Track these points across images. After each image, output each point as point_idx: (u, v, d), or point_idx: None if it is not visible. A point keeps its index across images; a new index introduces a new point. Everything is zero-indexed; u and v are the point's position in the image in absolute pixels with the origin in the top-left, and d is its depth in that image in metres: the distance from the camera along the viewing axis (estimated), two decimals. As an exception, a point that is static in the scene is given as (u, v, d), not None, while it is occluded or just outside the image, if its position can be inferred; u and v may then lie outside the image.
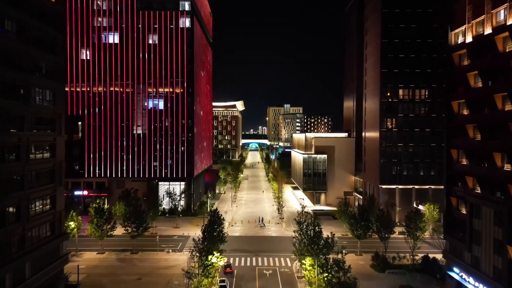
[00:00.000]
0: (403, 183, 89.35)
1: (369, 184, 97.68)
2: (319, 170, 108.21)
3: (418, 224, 64.91)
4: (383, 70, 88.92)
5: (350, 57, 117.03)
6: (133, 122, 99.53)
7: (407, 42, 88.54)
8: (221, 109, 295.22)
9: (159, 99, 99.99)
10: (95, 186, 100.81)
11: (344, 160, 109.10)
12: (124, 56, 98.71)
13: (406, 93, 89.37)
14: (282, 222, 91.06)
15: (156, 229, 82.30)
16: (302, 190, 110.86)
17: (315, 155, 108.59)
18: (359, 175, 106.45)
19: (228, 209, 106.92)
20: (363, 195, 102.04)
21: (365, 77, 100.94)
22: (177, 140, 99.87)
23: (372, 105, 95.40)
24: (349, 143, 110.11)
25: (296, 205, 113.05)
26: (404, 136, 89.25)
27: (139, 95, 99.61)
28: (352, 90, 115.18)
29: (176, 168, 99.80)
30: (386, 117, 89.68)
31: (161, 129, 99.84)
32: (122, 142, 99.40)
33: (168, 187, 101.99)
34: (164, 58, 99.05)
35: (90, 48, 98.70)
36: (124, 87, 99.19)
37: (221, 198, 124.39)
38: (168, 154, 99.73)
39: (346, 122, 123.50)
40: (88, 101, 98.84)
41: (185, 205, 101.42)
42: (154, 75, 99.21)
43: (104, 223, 66.00)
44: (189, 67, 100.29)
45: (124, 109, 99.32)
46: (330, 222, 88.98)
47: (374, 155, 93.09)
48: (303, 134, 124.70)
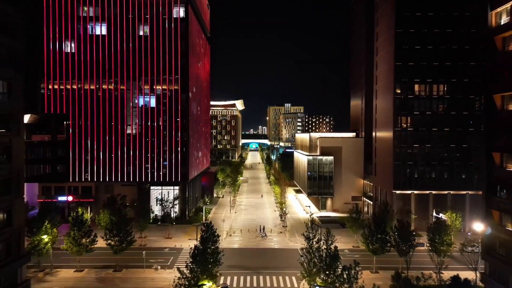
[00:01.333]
0: (419, 188, 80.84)
1: (380, 189, 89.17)
2: (325, 173, 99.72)
3: (443, 237, 56.60)
4: (397, 64, 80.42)
5: (358, 51, 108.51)
6: (122, 122, 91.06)
7: (423, 32, 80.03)
8: (220, 108, 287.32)
9: (150, 96, 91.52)
10: (80, 191, 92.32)
11: (352, 162, 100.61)
12: (112, 49, 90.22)
13: (423, 88, 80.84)
14: (285, 231, 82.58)
15: (145, 240, 73.86)
16: (307, 195, 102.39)
17: (321, 157, 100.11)
18: (368, 178, 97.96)
19: (226, 215, 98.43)
20: (374, 201, 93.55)
21: (375, 71, 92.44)
22: (171, 140, 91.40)
23: (384, 102, 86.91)
24: (357, 143, 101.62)
25: (300, 210, 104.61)
26: (420, 136, 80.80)
27: (129, 92, 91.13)
28: (360, 87, 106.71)
29: (169, 171, 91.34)
30: (400, 116, 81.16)
31: (153, 128, 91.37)
32: (111, 143, 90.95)
33: (161, 192, 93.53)
34: (157, 51, 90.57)
35: (75, 40, 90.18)
36: (112, 83, 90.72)
37: (219, 202, 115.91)
38: (160, 156, 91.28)
39: (353, 121, 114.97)
40: (73, 99, 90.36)
41: (179, 212, 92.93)
42: (145, 70, 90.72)
43: (83, 236, 57.46)
44: (184, 61, 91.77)
45: (113, 107, 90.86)
46: (338, 232, 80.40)
47: (386, 157, 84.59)
48: (307, 134, 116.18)
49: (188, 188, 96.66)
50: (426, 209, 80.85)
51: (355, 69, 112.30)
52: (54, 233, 59.94)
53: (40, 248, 56.25)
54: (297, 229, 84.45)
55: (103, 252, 63.32)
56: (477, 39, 78.33)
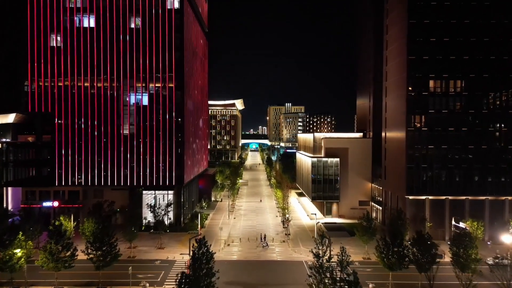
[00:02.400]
0: (435, 193, 74.20)
1: (391, 193, 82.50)
2: (330, 176, 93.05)
3: (468, 251, 50.03)
4: (410, 58, 73.79)
5: (365, 45, 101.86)
6: (112, 121, 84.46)
7: (439, 23, 73.44)
8: (219, 108, 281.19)
9: (143, 94, 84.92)
10: (67, 196, 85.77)
11: (359, 165, 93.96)
12: (101, 43, 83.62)
13: (438, 84, 74.27)
14: (288, 240, 75.92)
15: (134, 251, 67.23)
16: (311, 199, 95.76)
17: (326, 159, 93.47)
18: (377, 182, 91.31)
19: (224, 221, 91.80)
20: (383, 206, 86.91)
21: (385, 67, 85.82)
22: (165, 141, 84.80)
23: (395, 100, 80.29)
24: (365, 144, 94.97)
25: (303, 216, 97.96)
26: (436, 136, 74.17)
27: (119, 89, 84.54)
28: (367, 84, 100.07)
29: (163, 175, 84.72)
30: (413, 114, 74.50)
31: (145, 128, 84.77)
32: (100, 144, 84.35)
33: (155, 197, 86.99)
34: (149, 45, 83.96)
35: (61, 33, 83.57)
36: (101, 80, 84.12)
37: (217, 207, 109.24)
38: (153, 158, 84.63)
39: (360, 121, 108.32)
40: (58, 97, 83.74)
41: (173, 218, 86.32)
42: (137, 66, 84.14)
43: (62, 250, 50.78)
44: (178, 55, 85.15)
45: (102, 106, 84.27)
46: (346, 241, 73.70)
47: (398, 160, 77.96)
48: (310, 134, 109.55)
49: (184, 192, 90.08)
50: (442, 216, 74.25)
51: (362, 65, 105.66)
52: (29, 246, 53.26)
53: (12, 264, 49.60)
54: (301, 237, 77.82)
55: (86, 266, 56.40)
56: (498, 30, 71.75)
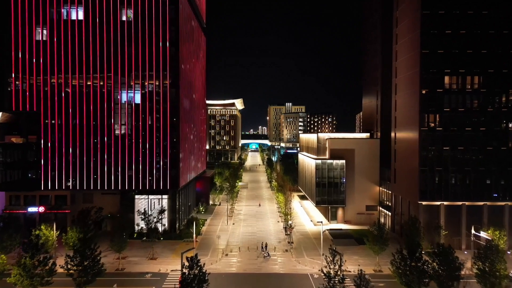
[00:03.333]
0: (450, 198, 68.47)
1: (401, 198, 76.76)
2: (335, 179, 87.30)
3: (495, 266, 44.44)
4: (423, 51, 68.08)
5: (372, 40, 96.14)
6: (102, 121, 78.77)
7: (455, 14, 67.79)
8: (219, 108, 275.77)
9: (135, 91, 79.22)
10: (54, 201, 79.97)
11: (367, 167, 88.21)
12: (90, 37, 77.92)
13: (454, 81, 68.55)
14: (292, 250, 70.17)
15: (124, 262, 61.47)
16: (314, 203, 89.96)
17: (331, 161, 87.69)
18: (385, 185, 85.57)
19: (223, 228, 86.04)
20: (392, 212, 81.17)
21: (394, 63, 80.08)
22: (158, 142, 79.11)
23: (406, 97, 74.57)
24: (372, 145, 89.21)
25: (307, 221, 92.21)
26: (451, 137, 68.44)
27: (109, 87, 78.84)
28: (374, 81, 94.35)
29: (157, 178, 79.04)
30: (427, 113, 68.79)
31: (137, 129, 79.08)
32: (89, 145, 78.65)
33: (148, 202, 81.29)
34: (142, 38, 78.27)
35: (47, 26, 77.87)
36: (90, 77, 78.41)
37: (215, 211, 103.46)
38: (146, 160, 78.93)
39: (366, 120, 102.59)
40: (44, 95, 78.11)
41: (168, 224, 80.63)
42: (129, 61, 78.44)
43: (38, 265, 45.06)
44: (173, 50, 79.48)
45: (91, 105, 78.59)
46: (354, 250, 68.09)
47: (410, 162, 72.23)
48: (313, 134, 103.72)
49: (179, 197, 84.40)
50: (458, 224, 68.54)
51: (368, 61, 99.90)
52: (3, 260, 47.57)
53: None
54: (305, 246, 72.08)
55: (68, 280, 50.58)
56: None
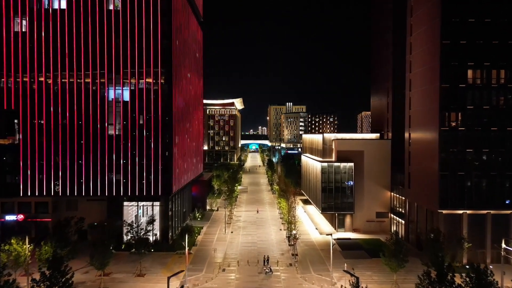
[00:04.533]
0: (474, 206, 61.29)
1: (417, 206, 69.54)
2: (343, 183, 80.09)
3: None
4: (444, 42, 60.91)
5: (382, 32, 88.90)
6: (87, 121, 71.69)
7: (479, 1, 60.66)
8: (218, 107, 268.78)
9: (123, 88, 72.10)
10: (34, 208, 72.74)
11: (377, 170, 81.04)
12: (74, 28, 70.82)
13: (478, 75, 61.44)
14: (296, 263, 62.94)
15: (107, 280, 54.25)
16: (320, 210, 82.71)
17: (338, 163, 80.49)
18: (397, 191, 78.39)
19: (220, 236, 78.80)
20: (406, 220, 73.96)
21: (409, 56, 72.89)
22: (149, 144, 71.97)
23: (423, 94, 67.39)
24: (383, 147, 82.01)
25: (311, 229, 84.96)
26: (475, 137, 61.31)
27: (95, 83, 71.72)
28: (385, 77, 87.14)
29: (147, 183, 71.91)
30: (447, 111, 61.61)
31: (126, 129, 72.01)
32: (73, 147, 71.56)
33: (138, 209, 74.19)
34: (131, 30, 71.17)
35: (26, 16, 70.75)
36: (74, 73, 71.26)
37: (212, 218, 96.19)
38: (136, 163, 71.80)
39: (375, 120, 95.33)
40: (24, 92, 71.12)
41: (160, 234, 73.52)
42: (116, 55, 71.33)
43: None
44: (166, 43, 72.34)
45: (75, 103, 71.54)
46: (367, 265, 60.87)
47: (427, 166, 65.02)
48: (319, 135, 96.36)
49: (173, 203, 77.28)
50: (483, 235, 61.40)
51: (377, 55, 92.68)
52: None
53: None
54: (311, 259, 64.84)
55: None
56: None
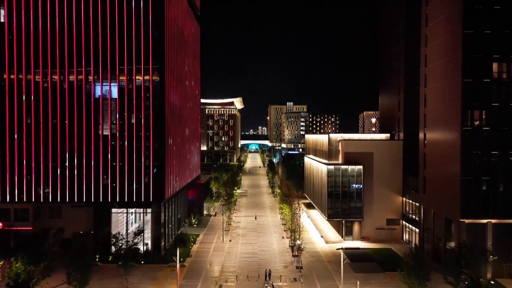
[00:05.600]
0: (501, 215, 54.90)
1: (434, 213, 63.17)
2: (351, 188, 73.76)
3: None
4: (466, 32, 54.57)
5: (393, 24, 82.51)
6: (71, 121, 65.44)
7: (506, -15, 54.44)
8: (217, 107, 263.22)
9: (110, 85, 65.80)
10: (13, 216, 66.43)
11: (387, 174, 74.75)
12: (56, 16, 64.59)
13: (505, 68, 55.08)
14: (301, 277, 56.59)
15: (87, 301, 47.93)
16: (326, 217, 76.31)
17: (345, 166, 74.14)
18: (410, 196, 72.10)
19: (217, 246, 72.45)
20: (420, 227, 67.60)
21: (424, 49, 66.51)
22: (139, 145, 65.68)
23: (441, 90, 61.02)
24: (393, 148, 75.69)
25: (316, 236, 78.62)
26: (502, 138, 54.92)
27: (80, 79, 65.39)
28: (396, 73, 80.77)
29: (137, 188, 65.60)
30: (471, 108, 55.25)
31: (114, 130, 65.71)
32: (55, 149, 65.34)
33: (127, 217, 67.94)
34: (119, 19, 64.87)
35: (4, 4, 64.44)
36: (57, 67, 64.95)
37: (209, 224, 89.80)
38: (125, 166, 65.49)
39: (385, 120, 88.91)
40: (1, 90, 64.80)
41: (151, 243, 67.26)
42: (103, 47, 65.01)
43: None
44: (157, 34, 66.05)
45: (58, 101, 65.42)
46: (379, 280, 54.57)
47: (447, 169, 58.65)
48: (324, 135, 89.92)
49: (166, 209, 71.00)
50: (509, 247, 55.00)
51: (387, 49, 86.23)
52: None
53: None
54: (317, 273, 58.41)
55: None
56: None
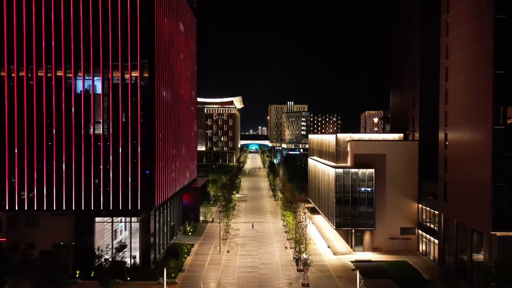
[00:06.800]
0: (538, 228, 47.83)
1: (457, 223, 55.98)
2: (362, 194, 66.66)
3: None
4: (498, 17, 47.46)
5: (406, 12, 75.39)
6: (49, 119, 58.29)
7: (545, -38, 47.28)
8: (216, 106, 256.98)
9: (94, 79, 58.66)
10: (-16, 226, 59.36)
11: (401, 178, 67.67)
12: (33, 7, 57.36)
13: (543, 58, 47.99)
14: (309, 298, 49.48)
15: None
16: (335, 226, 69.09)
17: (355, 170, 67.00)
18: (428, 203, 65.00)
19: (213, 258, 65.26)
20: (440, 238, 60.42)
21: (445, 38, 59.30)
22: (126, 147, 58.55)
23: (466, 84, 53.87)
24: (408, 149, 68.56)
25: (322, 246, 71.44)
26: (539, 139, 47.88)
27: (59, 75, 58.25)
28: (410, 67, 73.64)
29: (124, 195, 58.46)
30: (504, 105, 48.08)
31: (98, 130, 58.60)
32: (32, 152, 58.19)
33: (112, 226, 60.88)
34: (103, 5, 57.68)
35: (-27, -11, 57.38)
36: (33, 62, 57.79)
37: (205, 232, 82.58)
38: (109, 171, 58.37)
39: (396, 118, 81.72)
40: (-30, 81, 57.77)
41: (139, 256, 60.17)
42: (85, 38, 57.86)
43: None
44: (146, 23, 58.92)
45: (34, 98, 58.25)
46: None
47: (473, 174, 51.50)
48: (330, 135, 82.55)
49: (157, 217, 63.94)
50: (548, 263, 47.83)
51: (399, 42, 79.11)
52: None
53: None
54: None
55: None
56: None
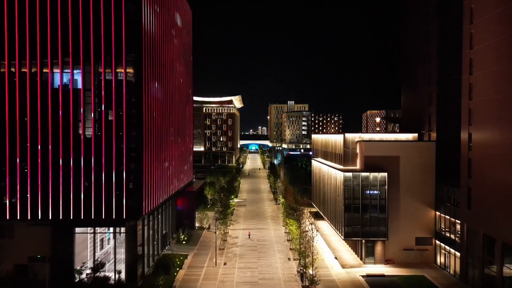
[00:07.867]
0: None
1: (484, 235, 49.45)
2: (373, 200, 60.18)
3: None
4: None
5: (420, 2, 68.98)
6: (23, 120, 51.89)
7: None
8: (215, 105, 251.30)
9: (73, 73, 52.25)
10: (-49, 238, 52.95)
11: (417, 182, 61.18)
12: (3, -12, 51.06)
13: None
14: (317, 323, 42.93)
15: None
16: (343, 237, 62.45)
17: (366, 173, 60.51)
18: (447, 210, 58.50)
19: (208, 272, 58.70)
20: (463, 251, 53.90)
21: (469, 26, 52.79)
22: (109, 149, 52.10)
23: (495, 76, 47.36)
24: (424, 151, 62.05)
25: (329, 257, 64.82)
26: None
27: (34, 70, 51.83)
28: (425, 60, 67.15)
29: (107, 202, 51.98)
30: (542, 100, 41.71)
31: (77, 130, 52.15)
32: (3, 154, 51.75)
33: (94, 238, 54.41)
34: (83, -9, 51.27)
35: None
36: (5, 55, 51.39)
37: (201, 240, 76.01)
38: (91, 176, 51.91)
39: (409, 117, 75.18)
40: None
41: (125, 270, 53.70)
42: (63, 27, 51.42)
43: None
44: (132, 8, 52.49)
45: (6, 95, 51.71)
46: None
47: (503, 179, 45.00)
48: (337, 135, 75.57)
49: (145, 226, 57.47)
50: None
51: (413, 33, 72.55)
52: None
53: None
54: (337, 315, 44.82)
55: None
56: None
